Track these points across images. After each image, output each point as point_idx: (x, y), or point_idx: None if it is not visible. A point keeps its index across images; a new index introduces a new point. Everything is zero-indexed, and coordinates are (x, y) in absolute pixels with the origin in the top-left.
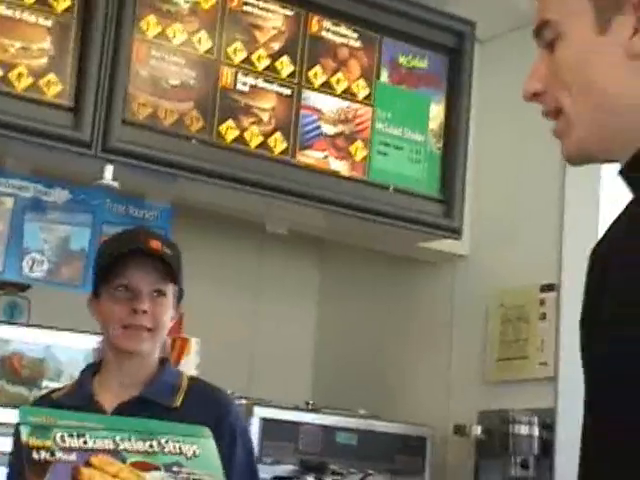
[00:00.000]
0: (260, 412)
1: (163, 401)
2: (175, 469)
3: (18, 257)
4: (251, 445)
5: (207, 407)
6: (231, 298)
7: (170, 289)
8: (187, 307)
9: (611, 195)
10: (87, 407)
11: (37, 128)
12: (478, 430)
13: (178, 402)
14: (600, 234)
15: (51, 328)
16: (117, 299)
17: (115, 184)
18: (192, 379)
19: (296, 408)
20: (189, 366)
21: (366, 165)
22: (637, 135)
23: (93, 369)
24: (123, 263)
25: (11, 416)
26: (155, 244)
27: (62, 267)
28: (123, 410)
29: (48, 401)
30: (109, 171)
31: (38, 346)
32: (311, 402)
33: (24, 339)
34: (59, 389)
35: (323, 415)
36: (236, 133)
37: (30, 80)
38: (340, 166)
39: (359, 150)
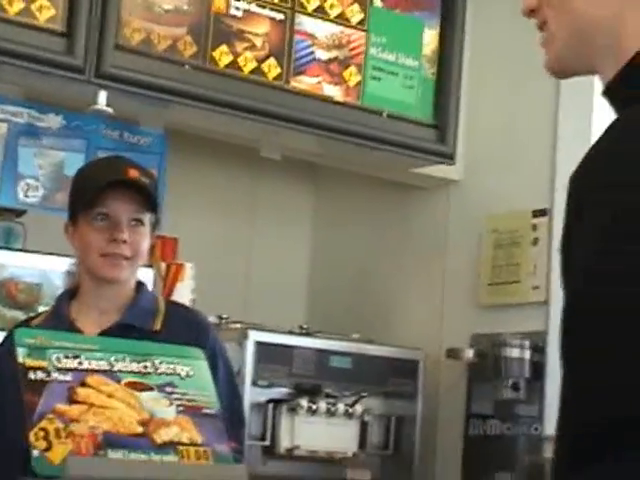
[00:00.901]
0: (255, 336)
1: (144, 325)
2: (168, 389)
3: (13, 183)
4: (230, 364)
5: (187, 329)
6: (226, 223)
7: (148, 218)
8: (182, 233)
9: (604, 120)
10: None
11: (29, 53)
12: (470, 353)
13: (158, 325)
14: None
15: (46, 253)
16: (96, 228)
17: (109, 110)
18: (168, 302)
19: (290, 332)
20: (184, 291)
21: (360, 90)
22: (615, 53)
23: (69, 295)
24: (102, 192)
25: None
26: (133, 173)
27: (57, 193)
28: (106, 336)
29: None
30: (102, 97)
31: (34, 271)
32: (305, 326)
33: (20, 264)
34: (36, 316)
35: (317, 339)
36: (229, 58)
37: (22, 4)
38: (334, 91)
39: (353, 75)
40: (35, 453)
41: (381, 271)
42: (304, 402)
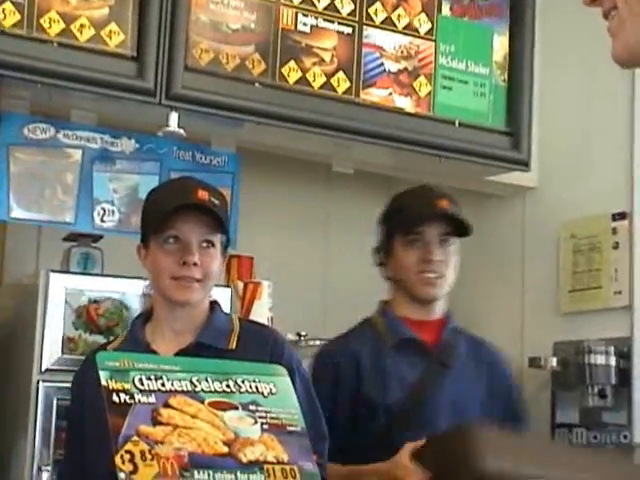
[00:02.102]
0: None
1: (219, 344)
2: (252, 408)
3: (89, 208)
4: (307, 377)
5: (261, 346)
6: (300, 240)
7: (218, 239)
8: (257, 251)
9: None
10: None
11: (101, 79)
12: (553, 362)
13: (234, 344)
14: None
15: (124, 277)
16: (167, 251)
17: (181, 131)
18: (242, 320)
19: None
20: (262, 310)
21: (430, 100)
22: None
23: (143, 318)
24: (172, 215)
25: None
26: (203, 195)
27: (132, 216)
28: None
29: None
30: (174, 118)
31: (113, 295)
32: None
33: (99, 289)
34: (112, 341)
35: None
36: (299, 74)
37: (92, 32)
38: (404, 103)
39: (423, 86)
40: (122, 476)
41: (459, 282)
42: None
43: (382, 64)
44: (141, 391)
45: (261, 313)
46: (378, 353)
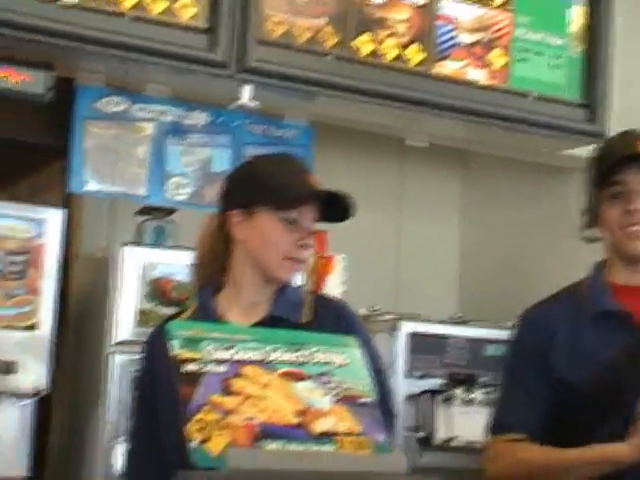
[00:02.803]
0: (407, 326)
1: (293, 318)
2: (324, 379)
3: (162, 182)
4: (378, 354)
5: (335, 320)
6: (374, 214)
7: None
8: (331, 225)
9: None
10: None
11: (174, 51)
12: None
13: (307, 317)
14: None
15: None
16: (286, 229)
17: (253, 104)
18: (314, 294)
19: (443, 321)
20: (335, 283)
21: (506, 73)
22: None
23: (212, 289)
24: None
25: None
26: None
27: (205, 189)
28: None
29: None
30: (247, 91)
31: (186, 268)
32: (458, 315)
33: (171, 262)
34: (181, 312)
35: (471, 328)
36: (372, 47)
37: (165, 4)
38: (479, 75)
39: (498, 58)
40: (194, 445)
41: (533, 255)
42: (459, 392)
43: (456, 36)
44: (213, 360)
45: (334, 286)
46: (575, 324)
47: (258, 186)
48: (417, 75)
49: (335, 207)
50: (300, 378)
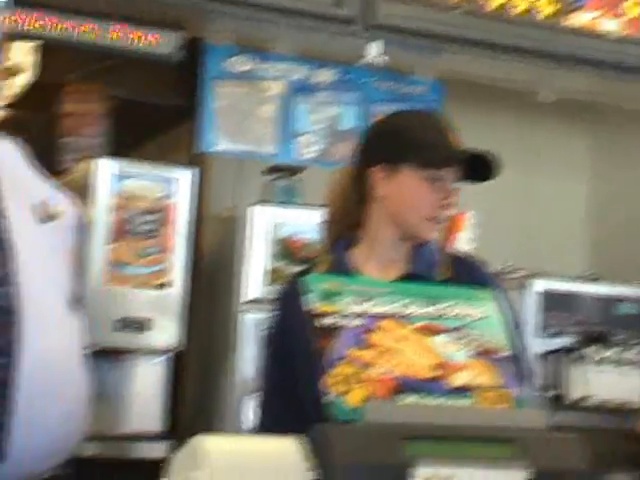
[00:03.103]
0: (539, 284)
1: (431, 276)
2: (462, 332)
3: (290, 140)
4: (515, 313)
5: (472, 278)
6: (503, 170)
7: None
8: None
9: None
10: None
11: (302, 8)
12: None
13: (445, 275)
14: None
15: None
16: (429, 188)
17: (381, 60)
18: (450, 252)
19: (576, 279)
20: (465, 240)
21: None
22: None
23: (346, 244)
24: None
25: None
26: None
27: (333, 147)
28: None
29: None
30: (374, 48)
31: (313, 227)
32: (590, 273)
33: (300, 221)
34: (314, 265)
35: (604, 286)
36: (501, 0)
37: None
38: (612, 26)
39: (633, 7)
40: (331, 397)
41: None
42: (592, 351)
43: None
44: (350, 314)
45: (464, 243)
46: None
47: (405, 143)
48: (548, 28)
49: (477, 167)
50: (437, 332)
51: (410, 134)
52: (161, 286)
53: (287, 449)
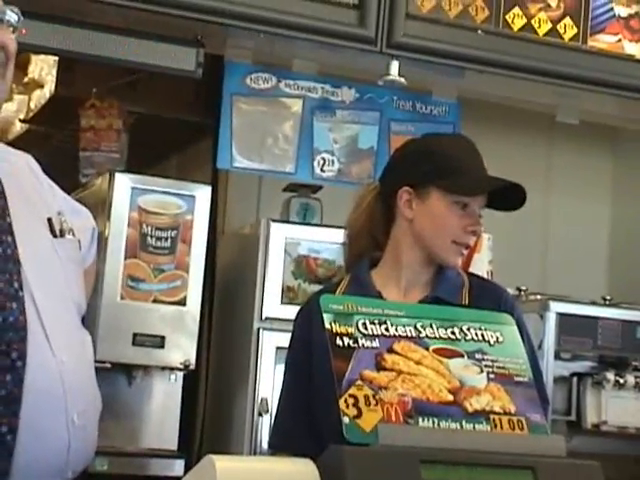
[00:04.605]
0: (557, 307)
1: (453, 299)
2: (478, 356)
3: (309, 158)
4: (531, 339)
5: (492, 303)
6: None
7: None
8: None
9: None
10: None
11: (322, 27)
12: None
13: (466, 299)
14: None
15: (344, 228)
16: (456, 214)
17: (402, 80)
18: (469, 275)
19: (594, 303)
20: (482, 262)
21: None
22: None
23: (368, 265)
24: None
25: None
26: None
27: (352, 166)
28: None
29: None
30: (395, 67)
31: (332, 245)
32: (609, 297)
33: (318, 239)
34: (335, 285)
35: (622, 310)
36: (523, 21)
37: None
38: (635, 49)
39: None
40: (346, 420)
41: None
42: (611, 375)
43: (611, 9)
44: (365, 335)
45: (480, 266)
46: None
47: (437, 166)
48: (570, 50)
49: (505, 195)
50: (453, 355)
51: (443, 157)
52: (177, 303)
53: (300, 471)
